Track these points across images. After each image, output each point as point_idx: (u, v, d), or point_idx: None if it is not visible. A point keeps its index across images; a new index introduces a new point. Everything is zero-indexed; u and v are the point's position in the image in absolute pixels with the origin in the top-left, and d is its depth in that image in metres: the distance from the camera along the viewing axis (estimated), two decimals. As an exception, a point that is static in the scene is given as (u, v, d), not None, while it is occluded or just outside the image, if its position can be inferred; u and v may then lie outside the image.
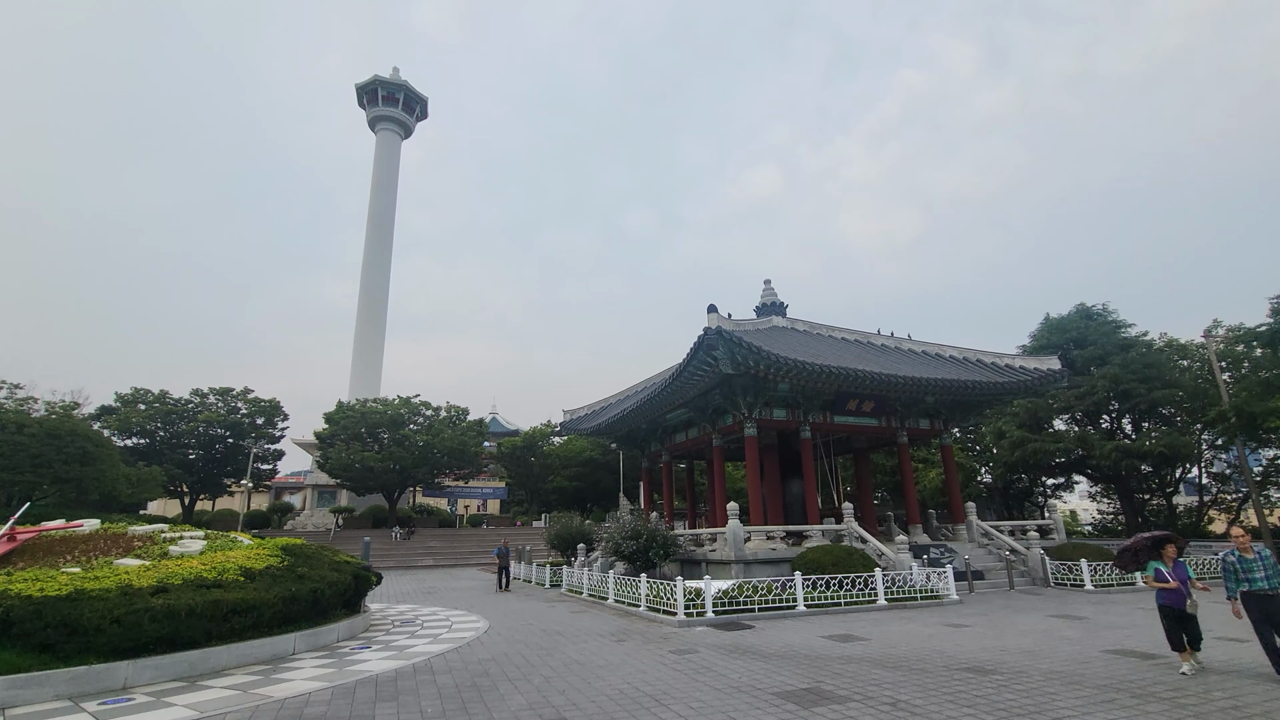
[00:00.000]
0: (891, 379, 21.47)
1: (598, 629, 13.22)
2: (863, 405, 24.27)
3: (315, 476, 59.99)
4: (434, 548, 46.14)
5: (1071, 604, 16.13)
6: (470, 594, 22.03)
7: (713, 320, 18.99)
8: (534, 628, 13.49)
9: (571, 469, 61.90)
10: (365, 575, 13.28)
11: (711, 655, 10.21)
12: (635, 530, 19.72)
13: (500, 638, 12.16)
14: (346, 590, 12.31)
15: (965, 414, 27.12)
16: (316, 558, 12.75)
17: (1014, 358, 26.15)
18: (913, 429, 25.55)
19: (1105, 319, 42.18)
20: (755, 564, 18.58)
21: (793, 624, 13.53)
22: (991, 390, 23.63)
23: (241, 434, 46.71)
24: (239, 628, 9.62)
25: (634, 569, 20.06)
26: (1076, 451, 38.87)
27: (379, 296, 72.04)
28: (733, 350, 19.13)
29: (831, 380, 20.71)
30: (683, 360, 20.48)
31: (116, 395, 44.61)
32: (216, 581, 9.89)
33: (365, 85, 76.67)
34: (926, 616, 14.38)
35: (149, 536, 13.33)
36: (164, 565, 10.37)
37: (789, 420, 23.17)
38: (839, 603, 15.16)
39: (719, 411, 24.09)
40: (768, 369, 19.83)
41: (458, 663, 9.81)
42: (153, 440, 44.67)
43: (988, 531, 22.64)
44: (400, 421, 49.09)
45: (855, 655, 10.07)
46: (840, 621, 13.70)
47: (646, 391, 27.69)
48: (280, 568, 11.34)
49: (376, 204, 75.34)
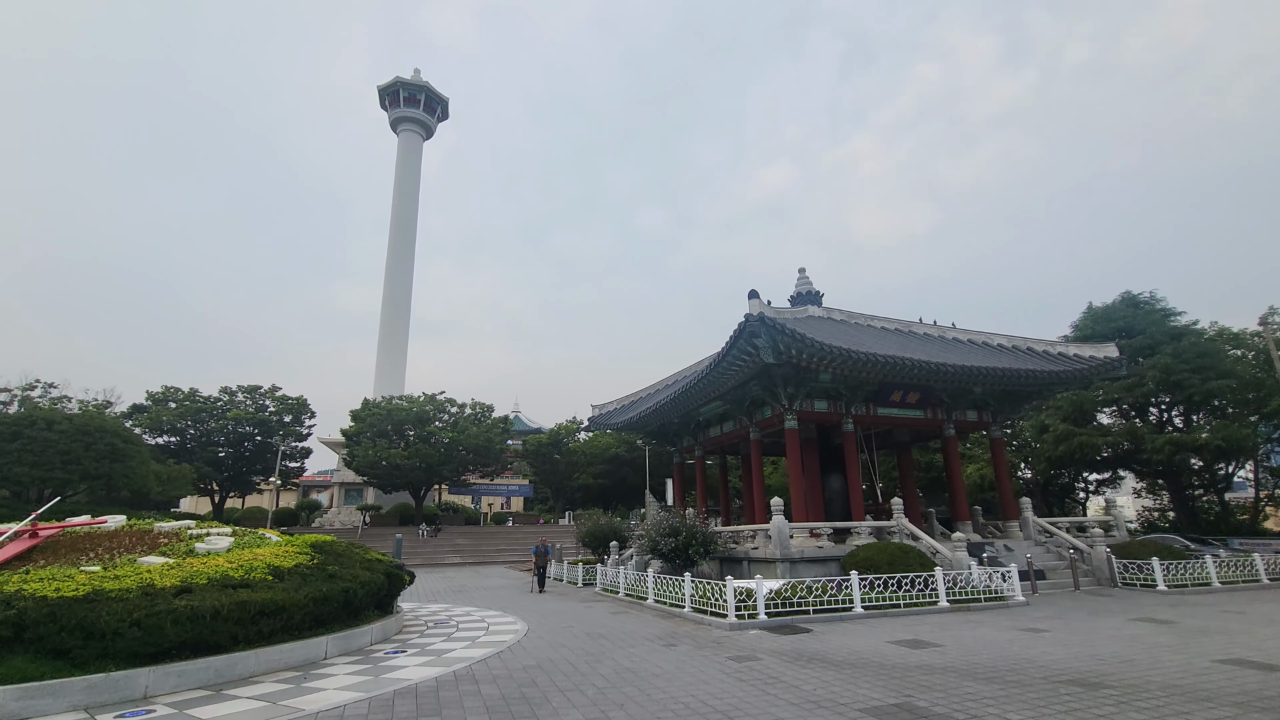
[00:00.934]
0: (941, 367, 20.34)
1: (643, 632, 12.41)
2: (907, 396, 23.14)
3: (342, 474, 60.12)
4: (460, 545, 45.77)
5: (1148, 606, 14.92)
6: (502, 593, 21.37)
7: (754, 306, 18.05)
8: (575, 630, 12.71)
9: (597, 466, 61.29)
10: (398, 574, 12.61)
11: (775, 663, 9.32)
12: (674, 527, 18.86)
13: (542, 642, 11.39)
14: (379, 590, 11.64)
15: (1015, 405, 25.81)
16: (347, 556, 12.11)
17: (1066, 345, 24.80)
18: (960, 421, 24.34)
19: (1153, 307, 40.27)
20: (801, 562, 17.63)
21: (852, 627, 12.58)
22: (1046, 379, 22.34)
23: (269, 432, 46.77)
24: (267, 631, 8.96)
25: (672, 567, 19.23)
26: (1124, 445, 37.18)
27: (402, 297, 72.09)
28: (775, 338, 18.18)
29: (877, 369, 19.64)
30: (721, 349, 19.59)
31: (147, 394, 44.90)
32: (243, 581, 9.25)
33: (387, 87, 76.92)
34: (995, 620, 13.33)
35: (174, 533, 12.80)
36: (189, 563, 9.76)
37: (831, 412, 22.13)
38: (897, 604, 14.17)
39: (757, 404, 23.14)
40: (811, 357, 18.85)
41: (501, 670, 9.04)
42: (183, 438, 44.88)
43: (1046, 528, 21.40)
44: (426, 419, 48.79)
45: (935, 664, 9.12)
46: (903, 625, 12.72)
47: (680, 384, 26.82)
48: (310, 566, 10.70)
49: (399, 205, 75.43)
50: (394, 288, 71.93)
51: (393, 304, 71.20)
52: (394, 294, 71.70)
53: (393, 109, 77.81)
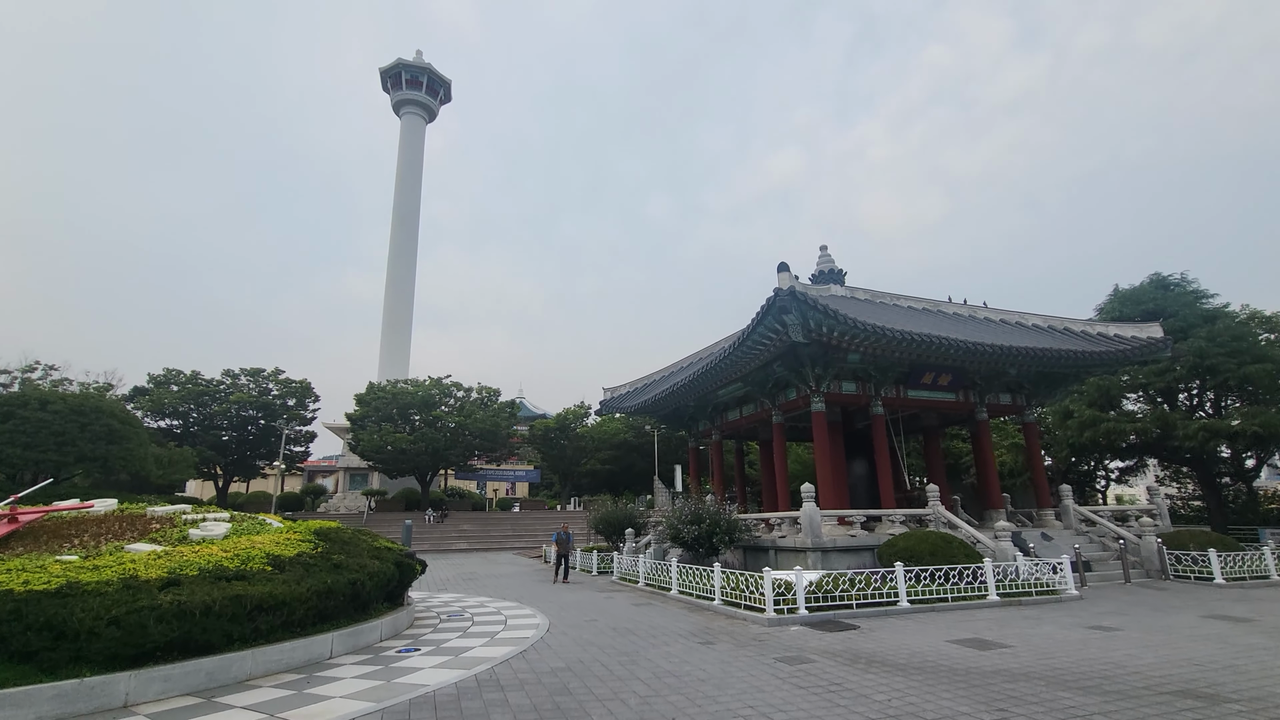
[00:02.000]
0: (979, 347, 19.21)
1: (674, 627, 11.44)
2: (939, 378, 22.04)
3: (347, 459, 59.46)
4: (467, 531, 45.06)
5: (1212, 601, 13.88)
6: (515, 582, 20.49)
7: (784, 280, 16.92)
8: (600, 625, 11.76)
9: (605, 452, 60.42)
10: (409, 563, 11.64)
11: (832, 666, 8.33)
12: (696, 514, 17.88)
13: (567, 639, 10.42)
14: (389, 581, 10.69)
15: (1052, 388, 24.65)
16: (354, 543, 11.14)
17: (1106, 325, 23.62)
18: (993, 404, 23.24)
19: (1184, 289, 38.88)
20: (833, 552, 16.64)
21: (900, 623, 11.59)
22: (1088, 361, 21.20)
23: (273, 415, 45.94)
24: (266, 628, 8.01)
25: (694, 556, 18.28)
26: (1154, 432, 36.01)
27: (406, 283, 71.27)
28: (806, 314, 17.08)
29: (912, 349, 18.53)
30: (746, 326, 18.48)
31: (149, 376, 44.06)
32: (239, 572, 8.28)
33: (389, 69, 75.62)
34: (1054, 616, 12.32)
35: (168, 518, 11.87)
36: (179, 552, 8.80)
37: (859, 395, 21.06)
38: (944, 598, 13.16)
39: (780, 385, 22.07)
40: (842, 335, 17.75)
41: (528, 674, 8.07)
42: (185, 422, 44.10)
43: (1088, 517, 20.36)
44: (432, 402, 47.92)
45: (1013, 669, 8.11)
46: (955, 621, 11.72)
47: (697, 366, 25.76)
48: (313, 555, 9.73)
49: (402, 189, 74.41)
50: (397, 273, 71.05)
51: (396, 290, 70.34)
52: (397, 280, 70.84)
53: (395, 91, 76.60)
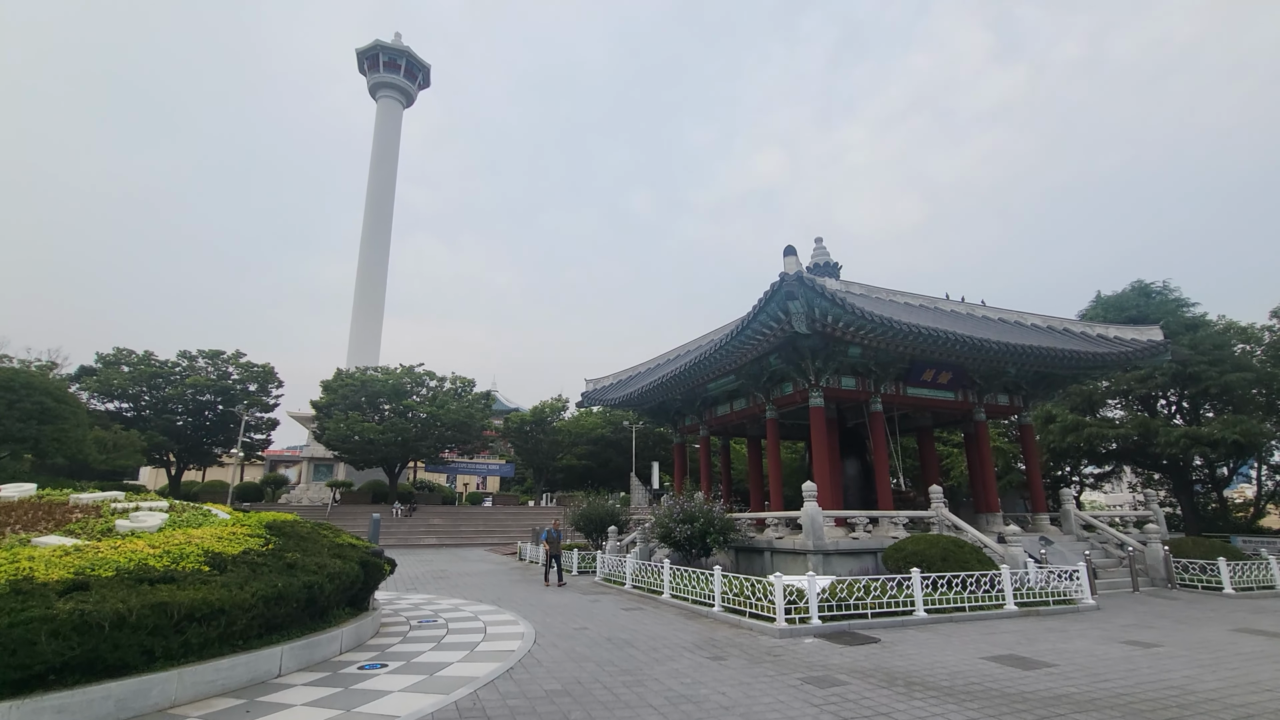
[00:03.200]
0: (986, 344, 18.41)
1: (675, 638, 10.25)
2: (939, 376, 21.25)
3: (312, 449, 57.11)
4: (436, 526, 43.34)
5: (1230, 613, 13.20)
6: (490, 581, 19.10)
7: (790, 265, 15.84)
8: (591, 634, 10.51)
9: (581, 447, 59.06)
10: (376, 563, 10.22)
11: (868, 690, 7.22)
12: (689, 513, 16.72)
13: (558, 652, 9.15)
14: (353, 583, 9.28)
15: (1050, 389, 24.10)
16: (312, 539, 9.70)
17: (1106, 328, 23.10)
18: (990, 405, 22.55)
19: (1166, 297, 39.04)
20: (835, 555, 15.64)
21: (921, 635, 10.57)
22: (1091, 362, 20.60)
23: (232, 400, 43.54)
24: (198, 641, 6.59)
25: (684, 557, 17.14)
26: (1133, 438, 36.05)
27: (378, 269, 69.36)
28: (812, 302, 16.02)
29: (919, 343, 17.63)
30: (747, 314, 17.36)
31: (97, 355, 41.32)
32: (168, 573, 6.84)
33: (366, 50, 73.51)
34: (1078, 628, 11.45)
35: (94, 507, 10.27)
36: (94, 549, 7.31)
37: (858, 391, 20.12)
38: (961, 607, 12.22)
39: (776, 379, 21.04)
40: (847, 327, 16.75)
41: (519, 700, 6.78)
42: (137, 405, 41.48)
43: (1089, 523, 19.75)
44: (403, 391, 46.02)
45: (1074, 695, 7.09)
46: (979, 634, 10.75)
47: (685, 358, 24.62)
48: (262, 553, 8.30)
49: (377, 173, 72.67)
50: (370, 259, 69.06)
51: (368, 275, 68.23)
52: (370, 265, 68.80)
53: (372, 74, 74.53)
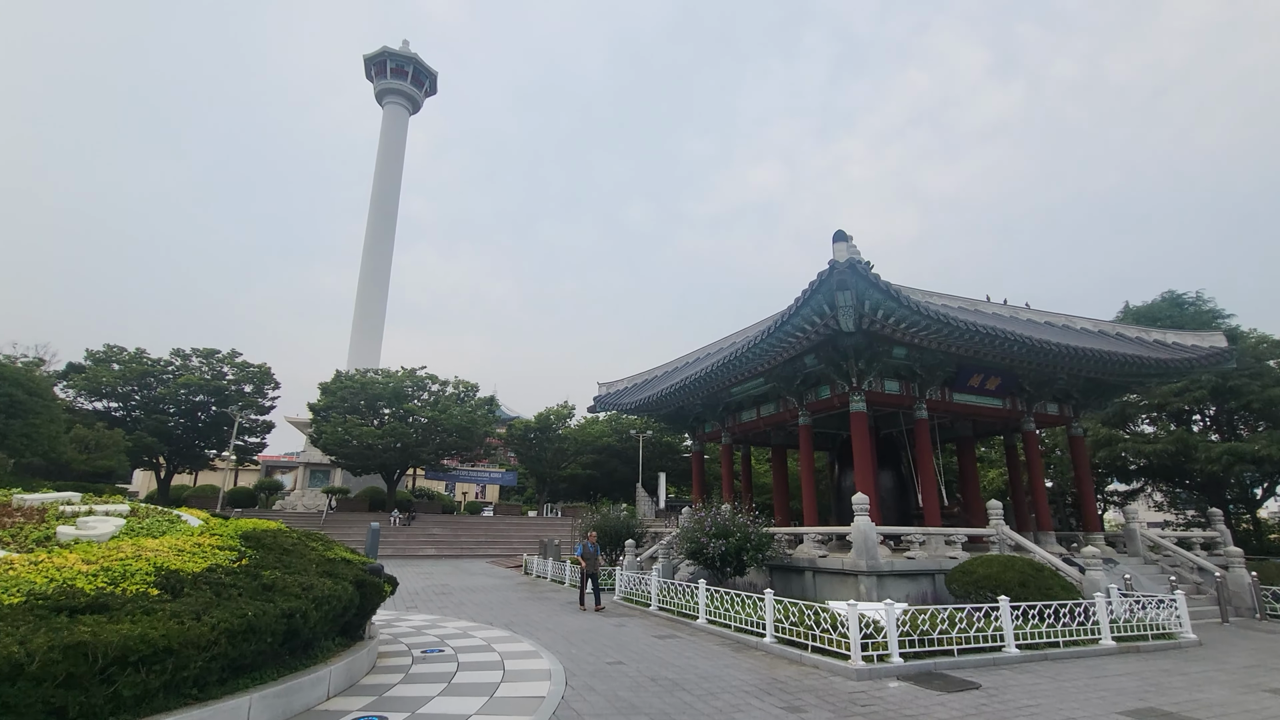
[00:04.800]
0: (1047, 346, 16.82)
1: (729, 678, 8.53)
2: (987, 382, 19.61)
3: (309, 454, 55.38)
4: (436, 536, 41.52)
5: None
6: (497, 598, 17.35)
7: (842, 252, 14.23)
8: (630, 672, 8.79)
9: (586, 456, 57.23)
10: (374, 582, 8.48)
11: (1015, 764, 5.52)
12: (723, 527, 14.99)
13: (598, 699, 7.42)
14: (346, 608, 7.56)
15: (1102, 398, 22.47)
16: (298, 552, 8.01)
17: (1164, 333, 21.49)
18: (1039, 414, 20.90)
19: (1200, 307, 37.41)
20: (890, 577, 13.90)
21: (1020, 678, 8.85)
22: (1153, 369, 18.98)
23: (226, 402, 41.82)
24: (133, 694, 4.89)
25: (716, 576, 15.41)
26: (1170, 454, 34.34)
27: (380, 275, 68.84)
28: (864, 295, 14.44)
29: (979, 344, 16.03)
30: (787, 309, 15.74)
31: (87, 352, 39.66)
32: (99, 600, 5.17)
33: (374, 57, 73.49)
34: (1198, 669, 9.72)
35: (38, 510, 8.60)
36: (8, 564, 5.64)
37: (902, 396, 18.48)
38: (1055, 642, 10.49)
39: (811, 382, 19.40)
40: (898, 324, 15.15)
41: (562, 777, 5.09)
42: (126, 404, 39.78)
43: (1156, 544, 18.02)
44: (404, 395, 44.32)
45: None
46: (1088, 677, 9.02)
47: (710, 359, 23.00)
48: (233, 570, 6.63)
49: (381, 179, 72.30)
50: (372, 265, 68.56)
51: (370, 282, 67.55)
52: (372, 272, 68.24)
53: (379, 80, 74.44)
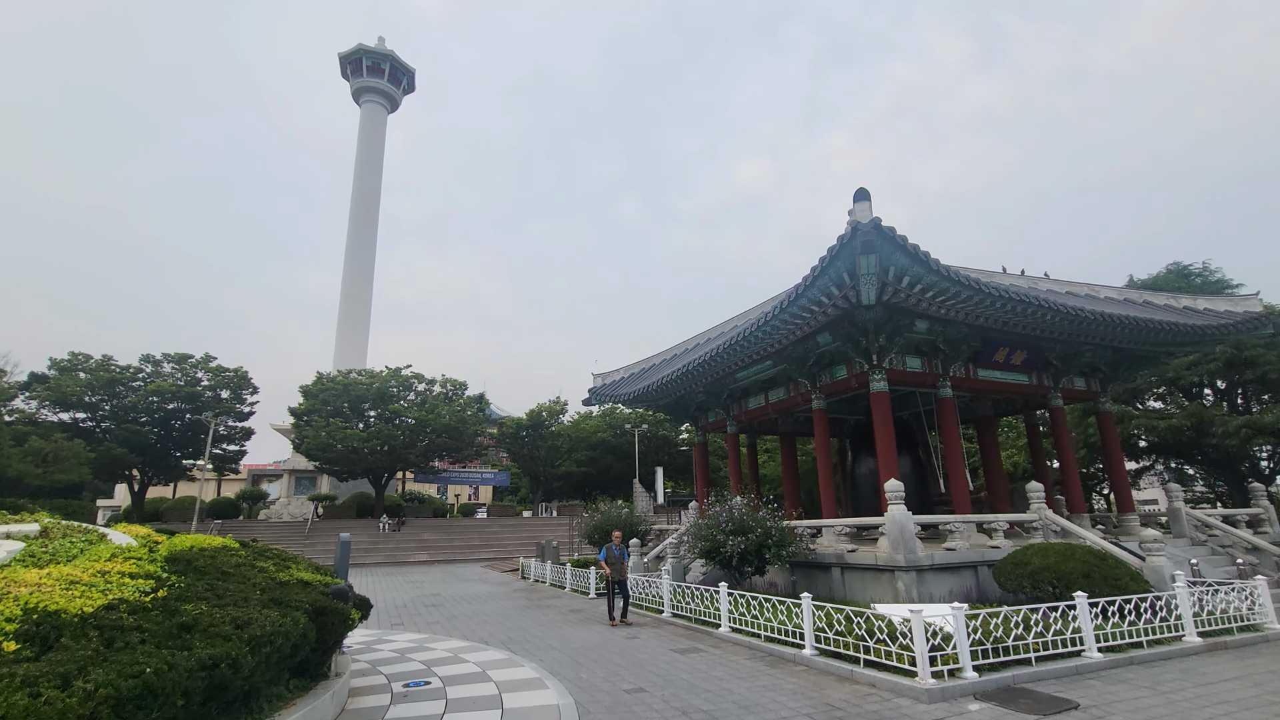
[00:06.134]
0: (1082, 314, 15.52)
1: (775, 705, 7.06)
2: (1013, 356, 18.29)
3: (293, 461, 53.51)
4: (428, 541, 39.88)
5: None
6: (493, 608, 15.82)
7: (864, 212, 12.71)
8: (655, 704, 7.29)
9: (580, 453, 55.76)
10: (336, 609, 6.90)
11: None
12: (741, 523, 13.52)
13: (619, 745, 5.95)
14: (297, 645, 5.96)
15: (1131, 370, 21.20)
16: (239, 576, 6.43)
17: (1194, 299, 20.26)
18: (1066, 389, 19.62)
19: (1208, 278, 36.37)
20: (929, 571, 12.49)
21: (1114, 689, 7.45)
22: (1190, 336, 17.71)
23: (202, 409, 39.87)
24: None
25: (732, 576, 13.96)
26: (1185, 429, 33.34)
27: (364, 276, 67.29)
28: (889, 260, 12.99)
29: (1014, 312, 14.67)
30: (802, 281, 14.20)
31: (51, 361, 37.55)
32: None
33: (349, 54, 71.72)
34: (1311, 670, 8.39)
35: (-82, 534, 6.98)
36: None
37: (925, 373, 17.08)
38: (1138, 643, 9.12)
39: (825, 362, 17.97)
40: (926, 292, 13.73)
41: None
42: (94, 415, 37.76)
43: (1204, 523, 16.79)
44: (389, 395, 42.56)
45: None
46: (1181, 680, 7.64)
47: (712, 344, 21.56)
48: (139, 608, 5.06)
49: (361, 178, 70.80)
50: (355, 265, 67.05)
51: (354, 282, 65.91)
52: (355, 271, 66.68)
53: (355, 78, 72.72)
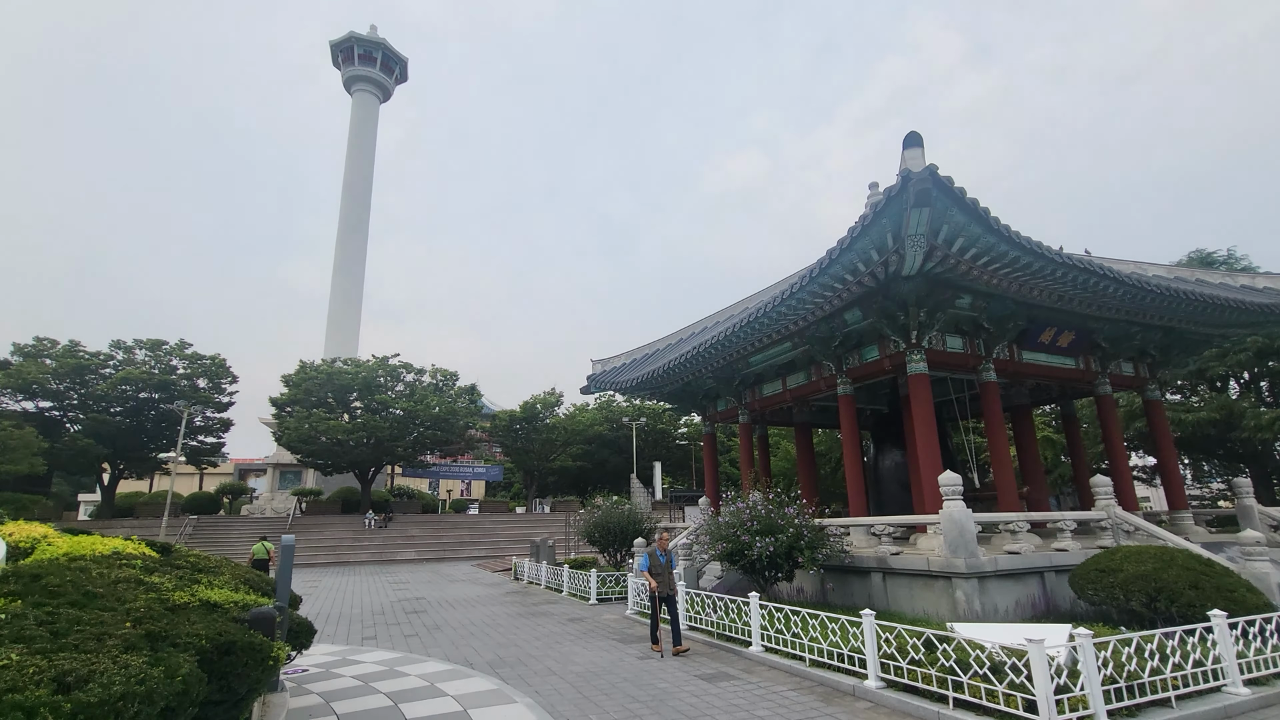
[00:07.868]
0: (1148, 286, 13.75)
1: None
2: (1059, 337, 16.53)
3: (278, 454, 51.46)
4: (416, 538, 37.98)
5: None
6: (481, 616, 13.96)
7: (915, 160, 10.79)
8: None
9: (576, 446, 53.91)
10: (251, 644, 4.95)
11: None
12: (770, 523, 11.69)
13: None
14: (171, 710, 4.02)
15: (1182, 354, 19.51)
16: (109, 599, 4.51)
17: (1252, 277, 18.56)
18: (1115, 375, 17.91)
19: (1234, 265, 34.87)
20: (993, 578, 10.68)
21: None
22: (1262, 315, 16.03)
23: (176, 398, 37.75)
24: None
25: (756, 581, 12.16)
26: (1212, 423, 31.78)
27: (355, 267, 65.63)
28: (944, 217, 11.12)
29: (1079, 284, 12.92)
30: (835, 248, 12.26)
31: (14, 346, 35.34)
32: None
33: (340, 42, 70.02)
34: None
35: None
36: None
37: (966, 355, 15.29)
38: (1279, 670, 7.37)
39: (853, 343, 16.15)
40: (979, 258, 11.95)
41: None
42: (61, 403, 35.60)
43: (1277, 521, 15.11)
44: (376, 386, 40.57)
45: None
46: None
47: (719, 327, 19.70)
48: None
49: (352, 169, 69.00)
50: (346, 257, 65.47)
51: (344, 274, 64.32)
52: (346, 264, 65.07)
53: (346, 67, 70.98)
